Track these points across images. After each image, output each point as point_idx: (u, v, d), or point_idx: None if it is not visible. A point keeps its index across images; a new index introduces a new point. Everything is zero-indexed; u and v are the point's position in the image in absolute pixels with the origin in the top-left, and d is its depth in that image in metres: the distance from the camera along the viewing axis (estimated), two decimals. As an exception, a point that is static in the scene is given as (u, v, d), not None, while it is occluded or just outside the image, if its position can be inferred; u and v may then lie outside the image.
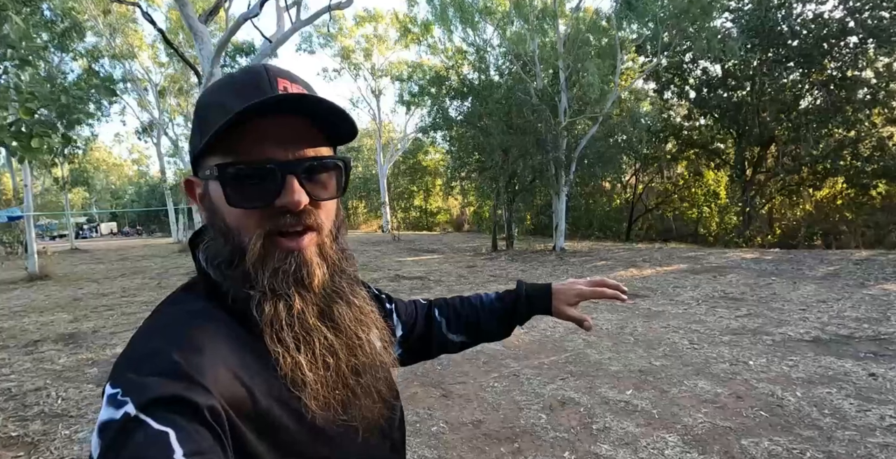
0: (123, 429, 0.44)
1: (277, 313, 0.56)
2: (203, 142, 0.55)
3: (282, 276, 0.56)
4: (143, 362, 0.49)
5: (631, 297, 6.93)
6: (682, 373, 3.81)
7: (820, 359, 4.04)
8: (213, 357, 0.51)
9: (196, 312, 0.57)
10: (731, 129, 17.09)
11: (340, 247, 0.64)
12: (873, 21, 13.62)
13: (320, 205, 0.59)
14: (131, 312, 7.85)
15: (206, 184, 0.59)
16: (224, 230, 0.57)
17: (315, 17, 11.50)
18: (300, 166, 0.56)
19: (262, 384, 0.54)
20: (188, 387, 0.47)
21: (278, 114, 0.55)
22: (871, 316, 5.41)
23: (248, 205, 0.55)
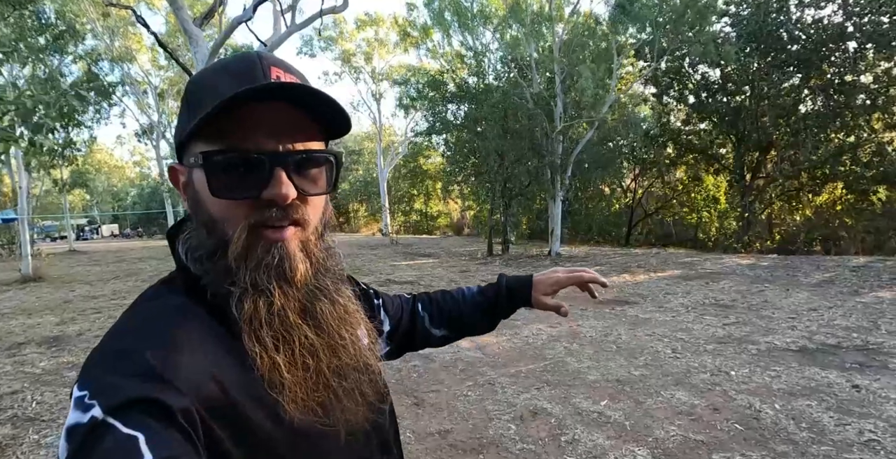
0: (91, 434, 0.42)
1: (257, 310, 0.53)
2: (191, 126, 0.51)
3: (264, 270, 0.54)
4: (113, 362, 0.47)
5: (619, 304, 6.85)
6: (660, 383, 3.73)
7: (804, 370, 3.95)
8: (189, 356, 0.49)
9: (173, 308, 0.54)
10: (730, 134, 17.00)
11: (325, 245, 0.61)
12: (872, 26, 13.54)
13: (308, 200, 0.57)
14: (118, 315, 7.79)
15: (191, 173, 0.56)
16: (207, 221, 0.55)
17: (309, 22, 11.50)
18: (290, 158, 0.54)
19: (239, 385, 0.51)
20: (160, 389, 0.45)
21: (271, 101, 0.53)
22: (862, 324, 5.31)
23: (233, 195, 0.53)
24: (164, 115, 22.56)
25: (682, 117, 18.63)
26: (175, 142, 0.59)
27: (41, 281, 12.11)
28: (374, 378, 0.64)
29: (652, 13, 11.60)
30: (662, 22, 11.74)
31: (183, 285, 0.57)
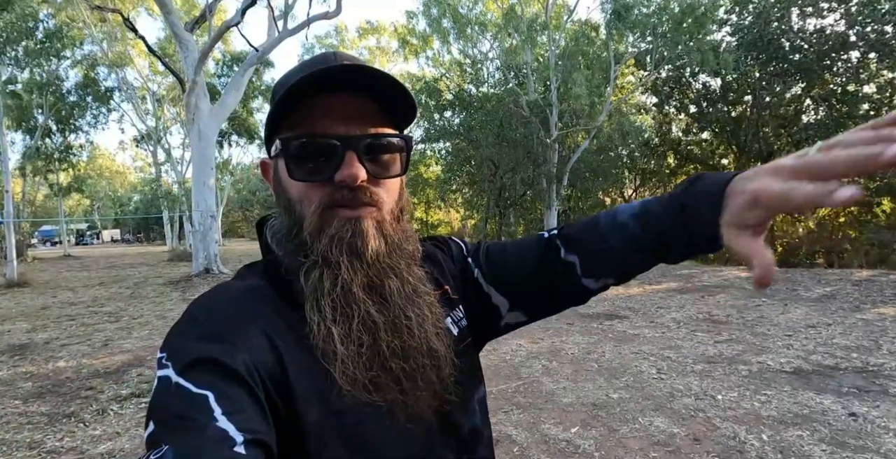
0: (167, 392, 0.47)
1: (322, 280, 0.55)
2: (270, 114, 0.57)
3: (336, 243, 0.56)
4: (186, 328, 0.53)
5: (609, 318, 6.56)
6: (639, 408, 3.44)
7: (797, 394, 3.65)
8: (251, 326, 0.53)
9: (246, 287, 0.59)
10: (731, 145, 16.73)
11: (402, 228, 0.62)
12: (875, 35, 13.30)
13: (380, 182, 0.59)
14: (91, 323, 7.59)
15: (276, 162, 0.61)
16: (287, 204, 0.59)
17: (301, 27, 11.36)
18: (361, 142, 0.56)
19: (294, 355, 0.54)
20: (223, 350, 0.49)
21: (342, 92, 0.56)
22: (862, 344, 5.00)
23: (308, 178, 0.57)
24: (160, 121, 22.46)
25: (682, 127, 18.40)
26: (264, 136, 0.62)
27: (25, 286, 11.91)
28: (441, 364, 0.61)
29: (650, 21, 11.43)
30: (662, 31, 11.55)
31: (262, 268, 0.63)
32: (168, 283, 11.34)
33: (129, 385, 4.58)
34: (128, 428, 3.58)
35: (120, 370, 5.20)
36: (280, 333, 0.55)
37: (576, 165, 12.66)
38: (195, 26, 11.18)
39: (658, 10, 11.57)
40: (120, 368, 5.26)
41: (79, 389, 4.54)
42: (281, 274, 0.59)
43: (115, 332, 6.98)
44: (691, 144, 18.08)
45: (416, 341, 0.58)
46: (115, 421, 3.70)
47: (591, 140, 12.39)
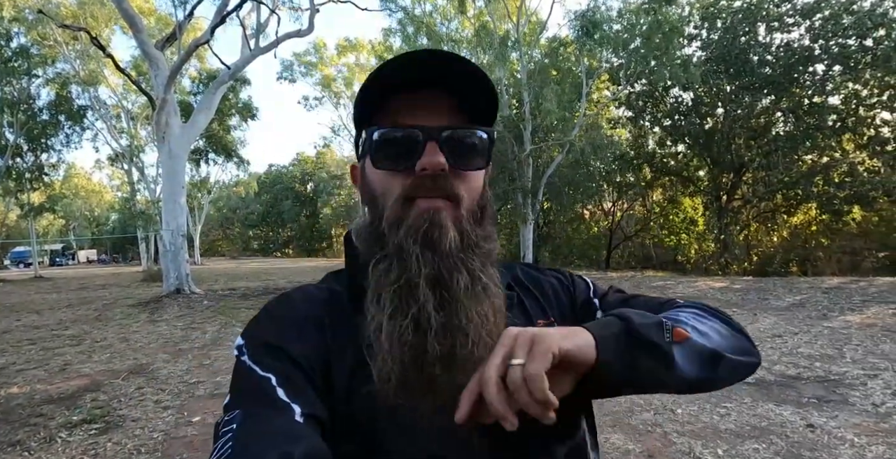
0: (240, 372, 0.56)
1: (389, 272, 0.55)
2: (356, 112, 0.61)
3: (412, 233, 0.55)
4: (262, 320, 0.62)
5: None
6: (597, 424, 3.37)
7: (757, 406, 3.62)
8: (310, 324, 0.60)
9: (320, 290, 0.66)
10: (705, 157, 17.02)
11: (484, 229, 0.60)
12: (838, 48, 13.71)
13: (462, 175, 0.59)
14: (52, 347, 7.34)
15: (363, 163, 0.62)
16: (370, 198, 0.61)
17: (272, 46, 11.36)
18: (442, 132, 0.57)
19: (340, 355, 0.58)
20: (287, 341, 0.57)
21: (426, 88, 0.58)
22: (826, 352, 5.02)
23: (390, 167, 0.58)
24: (134, 140, 22.21)
25: (656, 140, 18.68)
26: (355, 139, 0.64)
27: (-11, 310, 11.54)
28: None
29: (620, 38, 11.64)
30: (635, 46, 11.77)
31: (345, 275, 0.66)
32: (137, 305, 11.05)
33: (81, 411, 4.41)
34: (73, 456, 3.42)
35: (74, 395, 5.01)
36: (336, 334, 0.59)
37: (551, 179, 12.73)
38: (166, 44, 11.11)
39: (629, 26, 11.80)
40: (75, 393, 5.07)
41: (28, 416, 4.35)
42: (355, 276, 0.61)
43: (74, 356, 6.75)
44: (666, 157, 18.35)
45: (468, 349, 0.54)
46: (61, 449, 3.54)
47: (566, 154, 12.47)
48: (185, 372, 5.53)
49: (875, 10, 13.04)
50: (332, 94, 29.11)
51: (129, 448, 3.57)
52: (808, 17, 14.13)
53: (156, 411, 4.33)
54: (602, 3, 11.40)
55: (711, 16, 15.48)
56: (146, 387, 5.07)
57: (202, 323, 8.57)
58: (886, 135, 14.63)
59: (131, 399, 4.70)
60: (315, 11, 11.23)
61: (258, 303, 10.71)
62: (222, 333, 7.64)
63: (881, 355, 4.83)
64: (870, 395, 3.76)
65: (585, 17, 10.39)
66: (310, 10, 11.24)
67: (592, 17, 10.44)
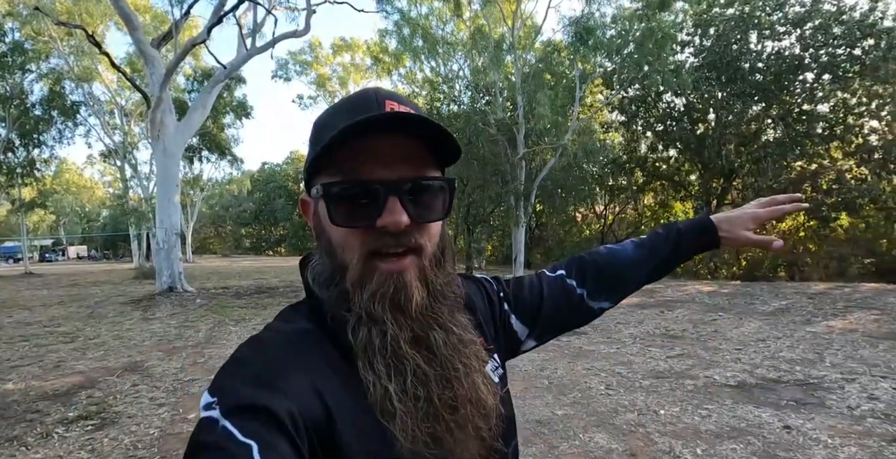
0: (211, 435, 0.47)
1: (371, 339, 0.55)
2: (311, 159, 0.56)
3: (379, 299, 0.55)
4: (237, 371, 0.53)
5: (567, 334, 6.62)
6: (582, 425, 3.48)
7: (737, 408, 3.74)
8: (300, 373, 0.53)
9: (294, 330, 0.59)
10: (696, 162, 17.22)
11: (445, 271, 0.61)
12: (827, 57, 13.94)
13: (422, 227, 0.58)
14: (45, 344, 7.36)
15: (316, 204, 0.60)
16: (329, 249, 0.59)
17: (268, 46, 11.40)
18: (403, 186, 0.55)
19: (344, 409, 0.53)
20: (270, 396, 0.49)
21: (386, 132, 0.55)
22: (807, 357, 5.16)
23: (350, 224, 0.56)
24: (127, 137, 22.11)
25: (648, 144, 18.86)
26: (304, 176, 0.62)
27: (-21, 306, 11.49)
28: (489, 412, 0.61)
29: (614, 43, 11.78)
30: (628, 52, 11.91)
31: (307, 311, 0.62)
32: (130, 302, 11.06)
33: (77, 408, 4.46)
34: (70, 451, 3.48)
35: (70, 392, 5.05)
36: (330, 384, 0.54)
37: (544, 183, 12.85)
38: (162, 43, 11.12)
39: (623, 32, 11.94)
40: (70, 390, 5.11)
41: (25, 412, 4.39)
42: (327, 319, 0.59)
43: (68, 353, 6.77)
44: (658, 161, 18.53)
45: (465, 391, 0.58)
46: (58, 445, 3.60)
47: (559, 158, 12.59)
48: (179, 370, 5.58)
49: (864, 20, 13.27)
50: (326, 94, 29.09)
51: (125, 443, 3.62)
52: (798, 26, 14.35)
53: (151, 408, 4.39)
54: (596, 9, 11.53)
55: (704, 23, 15.67)
56: (141, 385, 5.12)
57: (196, 321, 8.61)
58: (874, 144, 14.89)
59: (126, 396, 4.75)
60: (311, 12, 11.29)
61: (251, 302, 10.76)
62: (216, 331, 7.68)
63: (860, 360, 4.98)
64: (846, 398, 3.89)
65: (579, 24, 10.52)
66: (306, 10, 11.30)
67: (586, 23, 10.57)
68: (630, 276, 0.88)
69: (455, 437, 0.57)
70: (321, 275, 0.60)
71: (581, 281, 0.84)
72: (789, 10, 14.51)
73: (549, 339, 0.87)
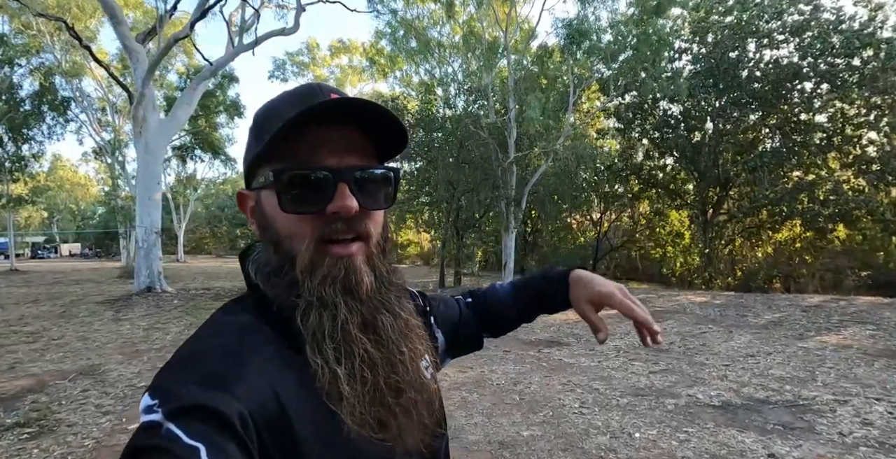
0: (155, 437, 0.44)
1: (322, 323, 0.55)
2: (259, 147, 0.56)
3: (330, 282, 0.56)
4: (179, 370, 0.51)
5: (549, 345, 6.35)
6: (547, 448, 3.19)
7: (719, 432, 3.45)
8: (249, 369, 0.51)
9: (238, 324, 0.57)
10: (692, 171, 16.99)
11: (389, 260, 0.63)
12: (826, 66, 13.74)
13: (370, 214, 0.59)
14: (6, 344, 7.11)
15: (259, 195, 0.60)
16: (275, 239, 0.58)
17: (256, 43, 11.16)
18: (352, 174, 0.56)
19: (296, 399, 0.53)
20: (219, 396, 0.47)
21: (332, 124, 0.56)
22: (798, 375, 4.88)
23: (300, 210, 0.56)
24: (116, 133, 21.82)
25: (644, 151, 18.65)
26: (244, 168, 0.62)
27: (-49, 304, 11.17)
28: (431, 398, 0.64)
29: (609, 48, 11.57)
30: (623, 58, 11.70)
31: (251, 303, 0.60)
32: (105, 302, 10.74)
33: (17, 414, 4.24)
34: (-2, 461, 3.25)
35: (16, 396, 4.82)
36: (281, 376, 0.53)
37: (536, 188, 12.58)
38: (147, 38, 10.87)
39: (619, 37, 11.73)
40: (17, 394, 4.87)
41: (-38, 417, 4.14)
42: (271, 311, 0.57)
43: (27, 354, 6.52)
44: (654, 169, 18.30)
45: (410, 375, 0.59)
46: (-14, 454, 3.36)
47: (553, 163, 12.35)
48: (135, 375, 5.32)
49: (863, 30, 13.08)
50: (323, 95, 28.88)
51: (55, 455, 3.39)
52: (797, 34, 14.15)
53: (94, 416, 4.15)
54: (592, 12, 11.30)
55: (702, 30, 15.49)
56: (92, 390, 4.88)
57: (166, 323, 8.31)
58: (872, 155, 14.66)
59: (73, 402, 4.52)
60: (301, 10, 11.06)
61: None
62: (185, 334, 7.38)
63: (854, 379, 4.70)
64: (837, 423, 3.61)
65: (572, 26, 10.29)
66: (296, 8, 11.07)
67: (580, 25, 10.34)
68: (505, 317, 0.91)
69: (399, 421, 0.57)
70: (266, 267, 0.59)
71: (479, 311, 0.90)
72: (788, 18, 14.31)
73: (456, 356, 0.91)
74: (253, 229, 0.62)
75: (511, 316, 0.90)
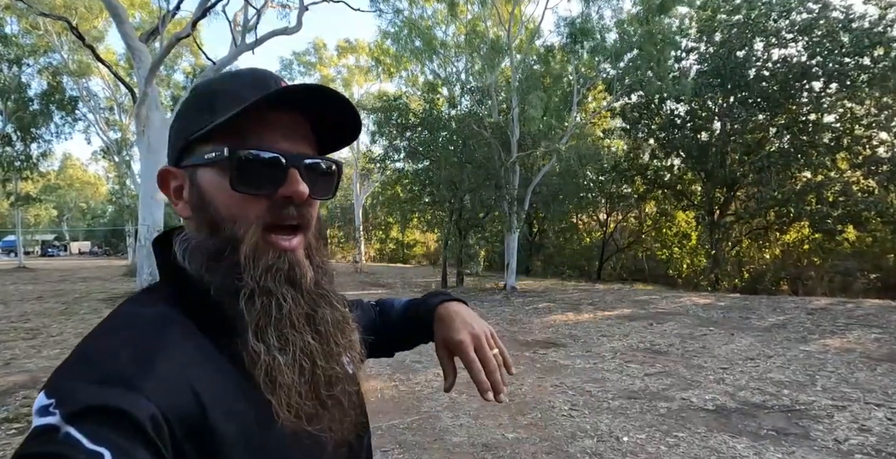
0: (51, 443, 0.40)
1: (269, 309, 0.53)
2: (213, 124, 0.54)
3: (274, 273, 0.54)
4: (81, 367, 0.46)
5: (546, 346, 6.27)
6: (531, 451, 3.12)
7: (710, 437, 3.37)
8: (161, 363, 0.47)
9: (150, 315, 0.53)
10: (699, 171, 16.80)
11: (322, 246, 0.63)
12: (835, 66, 13.53)
13: (312, 204, 0.59)
14: (5, 340, 7.18)
15: (195, 173, 0.57)
16: (213, 220, 0.55)
17: (259, 42, 11.17)
18: (303, 160, 0.57)
19: (219, 396, 0.49)
20: (126, 396, 0.43)
21: (287, 110, 0.56)
22: (797, 379, 4.77)
23: (253, 190, 0.55)
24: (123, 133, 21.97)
25: (650, 152, 18.48)
26: (177, 144, 0.59)
27: (-44, 300, 11.28)
28: (359, 391, 0.65)
29: (614, 47, 11.46)
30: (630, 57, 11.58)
31: (167, 292, 0.56)
32: (107, 299, 10.81)
33: (7, 410, 4.26)
34: (-11, 455, 3.25)
35: (8, 392, 4.84)
36: (200, 371, 0.49)
37: (539, 188, 12.49)
38: (151, 37, 10.92)
39: (623, 36, 11.61)
40: (9, 389, 4.89)
41: (-46, 412, 4.16)
42: (199, 299, 0.54)
43: (24, 350, 6.55)
44: (661, 170, 18.13)
45: (343, 367, 0.59)
46: (-30, 450, 3.35)
47: (560, 163, 12.24)
48: (127, 374, 5.30)
49: (873, 28, 12.86)
50: (330, 95, 28.94)
51: (39, 454, 3.35)
52: (805, 33, 13.95)
53: (82, 414, 4.12)
54: (596, 11, 11.18)
55: (709, 29, 15.32)
56: (83, 387, 4.86)
57: (165, 321, 8.33)
58: (882, 156, 14.42)
59: (62, 400, 4.49)
60: (304, 9, 11.06)
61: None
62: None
63: (854, 384, 4.59)
64: (834, 429, 3.51)
65: (574, 25, 10.19)
66: (299, 8, 11.07)
67: (583, 25, 10.23)
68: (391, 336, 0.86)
69: (332, 413, 0.57)
70: (198, 250, 0.55)
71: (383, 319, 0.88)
72: (796, 16, 14.11)
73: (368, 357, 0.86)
74: (177, 210, 0.59)
75: (396, 337, 0.86)
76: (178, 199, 0.59)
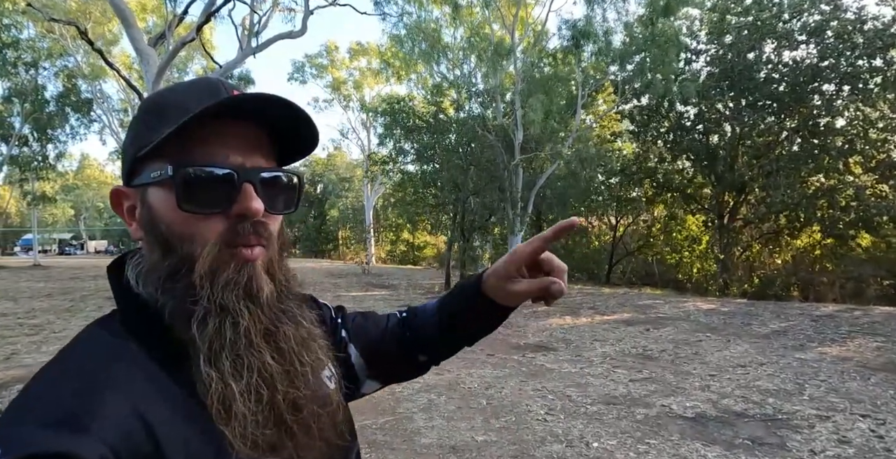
0: None
1: (222, 331, 0.51)
2: (158, 139, 0.51)
3: (232, 288, 0.52)
4: (27, 410, 0.44)
5: (536, 350, 6.25)
6: (497, 454, 3.12)
7: (682, 445, 3.34)
8: (110, 400, 0.45)
9: (101, 349, 0.51)
10: (708, 174, 16.60)
11: (287, 267, 0.60)
12: (848, 67, 13.29)
13: (272, 218, 0.57)
14: (9, 335, 7.38)
15: (145, 192, 0.54)
16: (166, 240, 0.53)
17: (264, 46, 11.32)
18: (258, 175, 0.54)
19: (173, 431, 0.47)
20: (75, 439, 0.41)
21: (238, 121, 0.54)
22: (785, 387, 4.69)
23: (202, 209, 0.52)
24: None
25: (658, 154, 18.30)
26: (126, 162, 0.56)
27: (-31, 297, 11.59)
28: (334, 412, 0.60)
29: (618, 50, 11.40)
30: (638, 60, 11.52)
31: (119, 321, 0.54)
32: (112, 297, 11.00)
33: (3, 403, 4.38)
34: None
35: (6, 385, 4.99)
36: (154, 403, 0.47)
37: (543, 191, 12.45)
38: (159, 41, 11.13)
39: (630, 38, 11.55)
40: (6, 383, 5.05)
41: (-54, 408, 4.27)
42: (152, 326, 0.52)
43: (26, 346, 6.72)
44: (669, 173, 17.93)
45: (311, 389, 0.56)
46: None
47: (565, 165, 12.20)
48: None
49: (887, 30, 12.61)
50: (341, 97, 29.16)
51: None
52: (816, 34, 13.71)
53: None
54: (600, 13, 11.14)
55: (719, 31, 15.14)
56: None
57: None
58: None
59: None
60: (309, 13, 11.19)
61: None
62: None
63: (844, 394, 4.50)
64: (812, 440, 3.45)
65: (576, 28, 10.16)
66: (304, 12, 11.20)
67: (585, 27, 10.20)
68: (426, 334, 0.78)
69: (297, 440, 0.54)
70: (152, 273, 0.53)
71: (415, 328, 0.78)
72: (808, 18, 13.89)
73: (392, 382, 0.84)
74: (131, 231, 0.56)
75: (432, 332, 0.77)
76: (131, 220, 0.56)
